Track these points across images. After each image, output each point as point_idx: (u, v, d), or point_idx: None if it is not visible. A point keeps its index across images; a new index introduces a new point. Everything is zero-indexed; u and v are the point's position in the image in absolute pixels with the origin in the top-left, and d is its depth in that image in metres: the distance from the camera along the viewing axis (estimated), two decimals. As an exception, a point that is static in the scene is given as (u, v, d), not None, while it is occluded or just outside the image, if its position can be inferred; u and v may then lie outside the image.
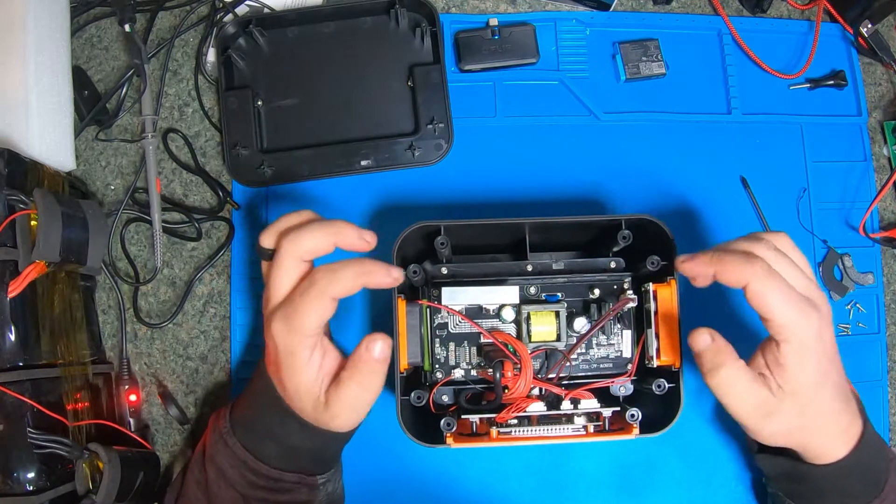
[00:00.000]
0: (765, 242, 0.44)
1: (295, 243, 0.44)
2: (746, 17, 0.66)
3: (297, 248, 0.44)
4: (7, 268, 0.47)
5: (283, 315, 0.43)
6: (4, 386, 0.45)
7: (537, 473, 0.58)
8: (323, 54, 0.62)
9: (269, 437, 0.47)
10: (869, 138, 0.64)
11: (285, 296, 0.44)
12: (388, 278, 0.43)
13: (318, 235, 0.44)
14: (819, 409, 0.44)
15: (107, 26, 0.64)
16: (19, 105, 0.54)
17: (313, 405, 0.44)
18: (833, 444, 0.45)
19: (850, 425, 0.45)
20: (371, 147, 0.59)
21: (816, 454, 0.46)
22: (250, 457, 0.46)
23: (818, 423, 0.44)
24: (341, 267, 0.42)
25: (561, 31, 0.64)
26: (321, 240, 0.44)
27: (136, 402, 0.57)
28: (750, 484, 0.58)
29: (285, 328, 0.43)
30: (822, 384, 0.43)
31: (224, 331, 0.60)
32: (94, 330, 0.58)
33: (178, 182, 0.61)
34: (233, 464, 0.47)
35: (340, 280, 0.42)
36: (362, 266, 0.42)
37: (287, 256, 0.44)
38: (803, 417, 0.44)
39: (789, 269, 0.44)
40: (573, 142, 0.62)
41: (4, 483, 0.45)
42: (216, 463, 0.47)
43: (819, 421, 0.44)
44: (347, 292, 0.42)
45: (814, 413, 0.44)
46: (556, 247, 0.56)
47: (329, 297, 0.42)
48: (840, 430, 0.45)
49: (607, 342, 0.52)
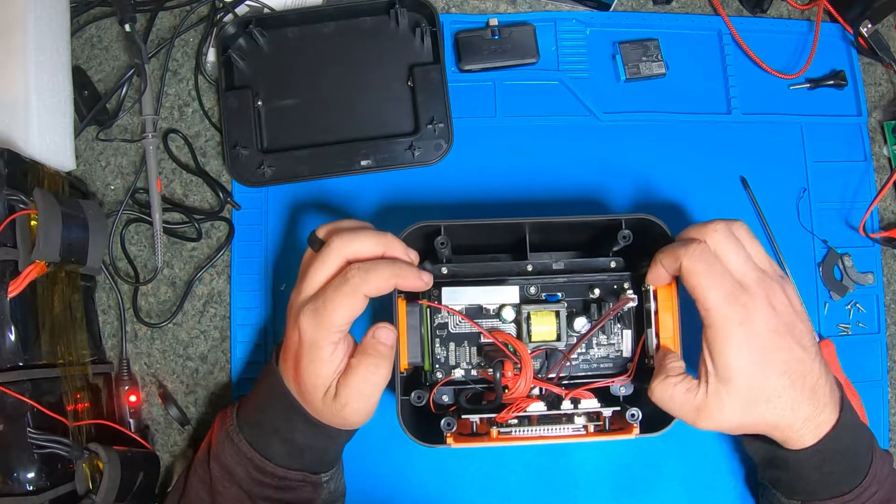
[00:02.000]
0: (711, 227, 0.44)
1: (345, 240, 0.44)
2: (746, 17, 0.66)
3: (345, 246, 0.44)
4: (7, 268, 0.47)
5: (312, 308, 0.43)
6: (4, 386, 0.45)
7: (537, 473, 0.58)
8: (323, 54, 0.62)
9: (275, 435, 0.47)
10: (869, 138, 0.64)
11: (317, 289, 0.44)
12: (420, 282, 0.45)
13: (370, 241, 0.45)
14: (763, 400, 0.43)
15: (107, 26, 0.64)
16: (19, 105, 0.54)
17: (324, 397, 0.44)
18: (799, 433, 0.44)
19: (815, 414, 0.44)
20: (371, 147, 0.59)
21: (785, 441, 0.45)
22: (256, 454, 0.47)
23: (770, 413, 0.43)
24: (375, 266, 0.43)
25: (561, 31, 0.64)
26: (372, 246, 0.45)
27: (137, 402, 0.57)
28: (750, 484, 0.58)
29: (314, 321, 0.43)
30: (760, 373, 0.43)
31: (224, 331, 0.60)
32: (94, 330, 0.58)
33: (179, 182, 0.61)
34: (239, 462, 0.47)
35: (374, 278, 0.43)
36: (396, 267, 0.44)
37: (334, 251, 0.44)
38: (748, 414, 0.44)
39: (731, 252, 0.44)
40: (573, 142, 0.62)
41: (4, 483, 0.45)
42: (222, 461, 0.48)
43: (770, 412, 0.43)
44: (379, 292, 0.43)
45: (759, 406, 0.43)
46: (556, 247, 0.56)
47: (362, 294, 0.43)
48: (803, 419, 0.44)
49: (607, 342, 0.52)
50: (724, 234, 0.44)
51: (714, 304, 0.42)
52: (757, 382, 0.43)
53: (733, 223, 0.46)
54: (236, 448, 0.47)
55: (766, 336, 0.43)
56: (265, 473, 0.47)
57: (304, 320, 0.43)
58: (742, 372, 0.43)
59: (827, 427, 0.44)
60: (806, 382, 0.44)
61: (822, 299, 0.61)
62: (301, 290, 0.45)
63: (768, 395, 0.43)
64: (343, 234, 0.45)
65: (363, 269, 0.43)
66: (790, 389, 0.43)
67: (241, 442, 0.47)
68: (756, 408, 0.43)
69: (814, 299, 0.61)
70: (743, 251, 0.44)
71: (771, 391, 0.43)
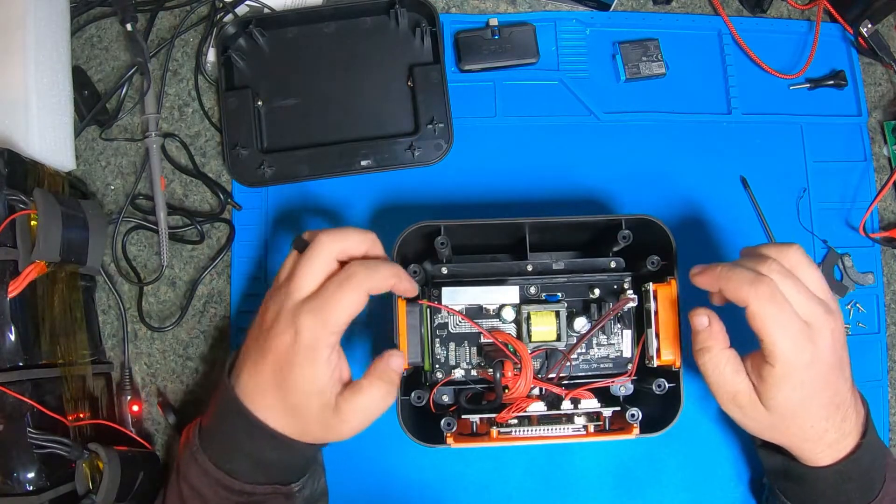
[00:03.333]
0: (773, 261, 0.44)
1: (333, 238, 0.44)
2: (746, 17, 0.66)
3: (335, 244, 0.44)
4: (7, 268, 0.47)
5: (313, 307, 0.42)
6: (4, 386, 0.45)
7: (537, 473, 0.58)
8: (323, 54, 0.62)
9: (238, 451, 0.44)
10: (869, 138, 0.64)
11: (313, 288, 0.43)
12: (411, 286, 0.46)
13: (356, 237, 0.45)
14: (796, 427, 0.45)
15: (107, 26, 0.64)
16: (19, 105, 0.54)
17: (321, 407, 0.43)
18: (819, 455, 0.45)
19: (837, 441, 0.45)
20: (371, 147, 0.59)
21: (801, 456, 0.46)
22: (221, 473, 0.44)
23: (797, 437, 0.45)
24: (377, 263, 0.43)
25: (561, 31, 0.64)
26: (358, 243, 0.44)
27: (139, 412, 0.57)
28: (750, 484, 0.58)
29: (315, 320, 0.41)
30: (803, 408, 0.44)
31: (224, 331, 0.59)
32: (94, 330, 0.58)
33: (179, 183, 0.61)
34: (206, 482, 0.45)
35: (377, 275, 0.42)
36: (395, 268, 0.44)
37: (324, 248, 0.44)
38: (775, 431, 0.45)
39: (794, 292, 0.43)
40: (573, 142, 0.62)
41: (4, 483, 0.45)
42: (189, 481, 0.45)
43: (797, 436, 0.45)
44: (380, 290, 0.43)
45: (788, 430, 0.45)
46: (556, 247, 0.56)
47: (365, 289, 0.42)
48: (825, 445, 0.45)
49: (607, 342, 0.52)
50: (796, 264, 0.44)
51: (783, 349, 0.42)
52: (801, 411, 0.44)
53: (790, 251, 0.45)
54: (201, 468, 0.45)
55: (824, 373, 0.43)
56: (233, 492, 0.44)
57: (304, 320, 0.41)
58: (791, 402, 0.43)
59: (846, 451, 0.45)
60: (839, 413, 0.45)
61: (822, 299, 0.61)
62: (289, 291, 0.43)
63: (803, 421, 0.44)
64: (329, 231, 0.44)
65: (365, 265, 0.43)
66: (824, 421, 0.44)
67: (205, 462, 0.44)
68: (788, 428, 0.45)
69: (814, 299, 0.61)
70: (804, 288, 0.44)
71: (808, 418, 0.44)
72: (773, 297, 0.42)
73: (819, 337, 0.43)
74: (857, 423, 0.46)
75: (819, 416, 0.44)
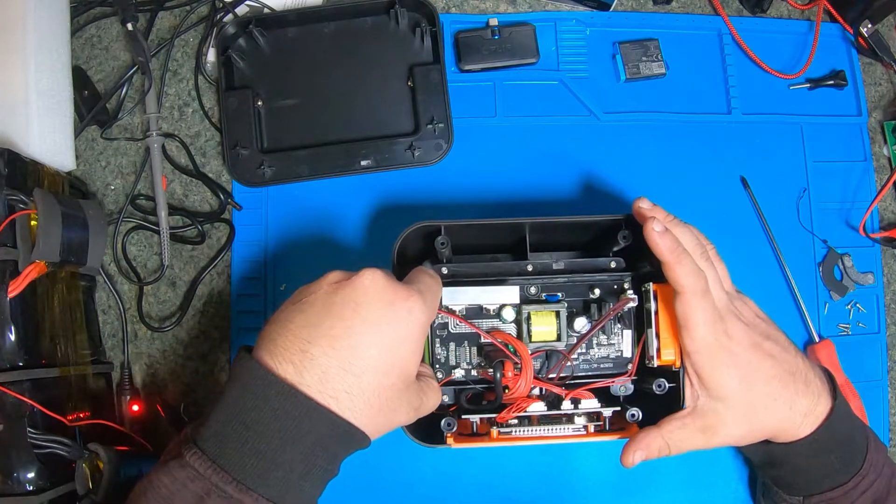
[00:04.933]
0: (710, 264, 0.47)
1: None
2: (746, 17, 0.66)
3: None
4: (7, 268, 0.47)
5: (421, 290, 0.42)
6: (4, 386, 0.45)
7: (537, 473, 0.58)
8: (323, 54, 0.62)
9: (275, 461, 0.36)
10: (869, 138, 0.64)
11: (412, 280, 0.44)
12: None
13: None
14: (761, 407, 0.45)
15: (107, 26, 0.64)
16: (19, 105, 0.54)
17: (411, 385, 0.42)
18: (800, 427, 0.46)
19: (813, 406, 0.46)
20: (371, 147, 0.59)
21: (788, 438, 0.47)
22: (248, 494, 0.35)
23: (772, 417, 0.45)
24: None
25: (561, 31, 0.64)
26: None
27: (139, 412, 0.57)
28: (749, 484, 0.58)
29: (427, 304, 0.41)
30: (752, 384, 0.45)
31: (224, 331, 0.59)
32: (94, 330, 0.58)
33: (179, 182, 0.61)
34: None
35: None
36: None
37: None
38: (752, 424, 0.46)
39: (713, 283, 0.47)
40: (573, 142, 0.62)
41: (4, 483, 0.45)
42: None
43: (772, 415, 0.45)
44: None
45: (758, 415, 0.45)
46: (556, 247, 0.56)
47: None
48: (801, 414, 0.46)
49: (607, 342, 0.52)
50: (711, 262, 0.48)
51: (701, 334, 0.45)
52: (751, 394, 0.45)
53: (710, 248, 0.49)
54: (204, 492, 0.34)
55: (748, 351, 0.45)
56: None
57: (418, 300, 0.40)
58: (734, 388, 0.45)
59: (823, 416, 0.46)
60: (797, 378, 0.46)
61: (822, 299, 0.61)
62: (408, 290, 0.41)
63: (765, 402, 0.45)
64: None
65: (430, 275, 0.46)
66: (784, 390, 0.45)
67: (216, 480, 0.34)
68: (758, 416, 0.46)
69: (814, 299, 0.61)
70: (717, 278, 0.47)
71: (767, 398, 0.45)
72: (705, 294, 0.45)
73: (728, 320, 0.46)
74: (825, 388, 0.47)
75: (775, 389, 0.45)
